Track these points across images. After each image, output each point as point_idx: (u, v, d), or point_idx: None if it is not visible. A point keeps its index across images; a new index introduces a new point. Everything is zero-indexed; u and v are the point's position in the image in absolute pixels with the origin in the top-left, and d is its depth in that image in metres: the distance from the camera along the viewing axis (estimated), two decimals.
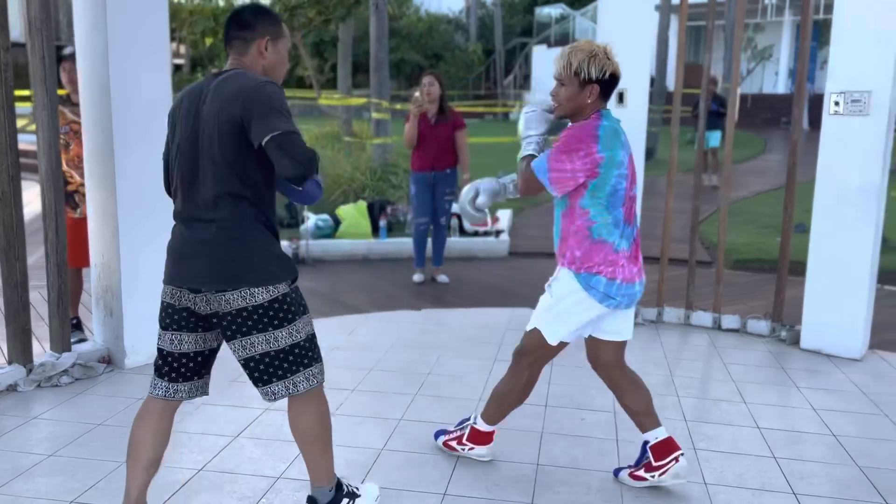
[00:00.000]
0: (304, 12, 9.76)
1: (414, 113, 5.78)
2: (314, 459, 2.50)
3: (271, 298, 2.29)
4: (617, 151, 2.61)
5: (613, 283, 2.67)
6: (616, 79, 2.68)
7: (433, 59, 31.18)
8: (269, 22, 2.39)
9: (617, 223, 2.67)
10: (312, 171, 2.17)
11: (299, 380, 2.37)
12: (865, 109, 4.23)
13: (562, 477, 2.98)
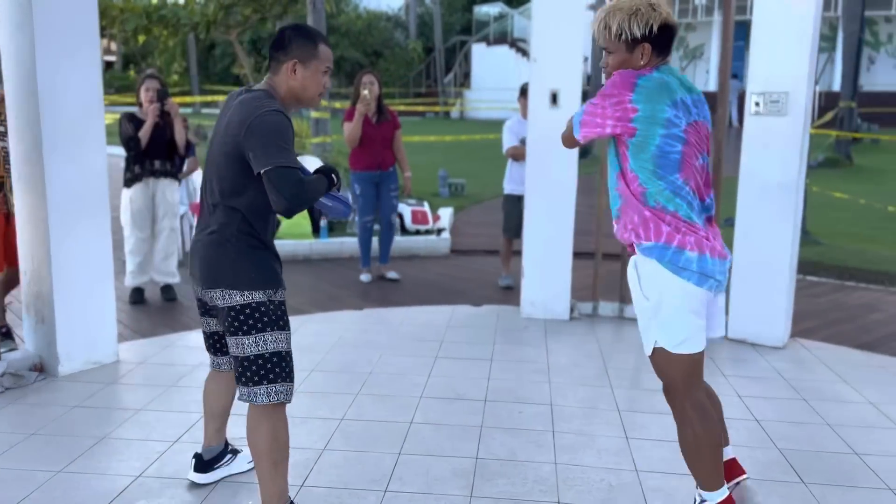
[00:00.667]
0: (239, 10, 9.64)
1: (361, 112, 5.79)
2: (262, 476, 2.51)
3: (244, 303, 2.42)
4: (661, 107, 2.27)
5: (705, 259, 2.31)
6: (669, 28, 2.35)
7: (373, 56, 31.10)
8: (301, 44, 2.48)
9: (677, 191, 2.32)
10: (297, 206, 2.32)
11: (260, 392, 2.44)
12: (783, 110, 4.45)
13: (500, 469, 3.07)
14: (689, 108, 2.35)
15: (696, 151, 2.35)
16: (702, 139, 2.38)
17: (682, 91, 2.35)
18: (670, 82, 2.33)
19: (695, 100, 2.38)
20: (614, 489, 2.93)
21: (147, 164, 5.28)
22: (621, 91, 2.30)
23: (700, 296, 2.34)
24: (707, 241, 2.34)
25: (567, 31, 4.93)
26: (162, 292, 5.59)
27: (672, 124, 2.29)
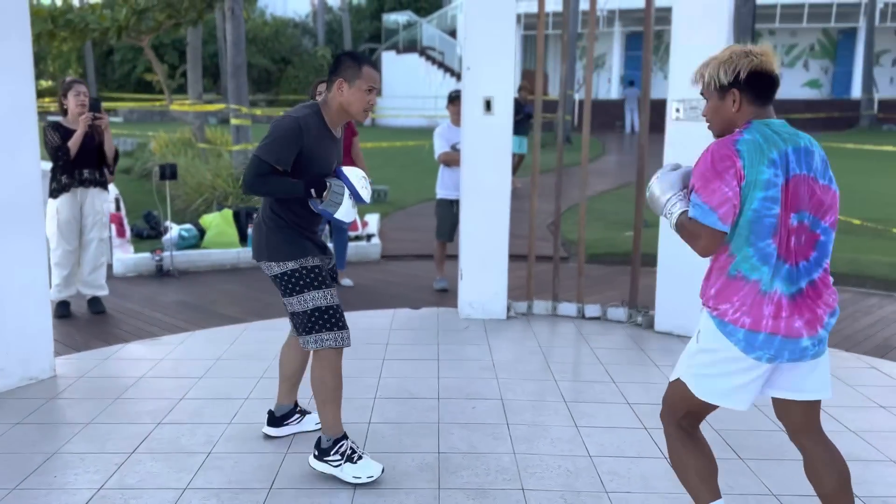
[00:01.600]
0: (153, 16, 9.38)
1: None
2: (318, 409, 3.04)
3: (281, 272, 2.96)
4: (759, 169, 2.16)
5: (757, 335, 2.20)
6: (762, 75, 2.24)
7: (281, 63, 30.69)
8: (347, 66, 2.92)
9: (765, 259, 2.18)
10: (248, 189, 2.91)
11: (310, 340, 2.98)
12: (700, 115, 4.77)
13: (463, 462, 3.18)
14: (784, 164, 2.18)
15: (788, 212, 2.18)
16: (799, 197, 2.19)
17: (784, 143, 2.21)
18: (765, 138, 2.20)
19: (791, 150, 2.21)
20: (572, 474, 3.10)
21: (76, 174, 5.11)
22: (732, 160, 2.17)
23: (745, 363, 2.24)
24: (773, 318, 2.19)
25: (499, 40, 5.11)
26: (89, 305, 5.41)
27: (770, 185, 2.16)
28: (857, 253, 7.61)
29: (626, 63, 28.37)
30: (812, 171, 2.22)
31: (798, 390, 2.31)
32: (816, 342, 2.24)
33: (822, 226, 2.23)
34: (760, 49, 2.27)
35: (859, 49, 25.98)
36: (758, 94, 2.26)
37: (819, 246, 2.24)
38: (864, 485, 3.03)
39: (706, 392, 2.32)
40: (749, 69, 2.24)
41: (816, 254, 2.23)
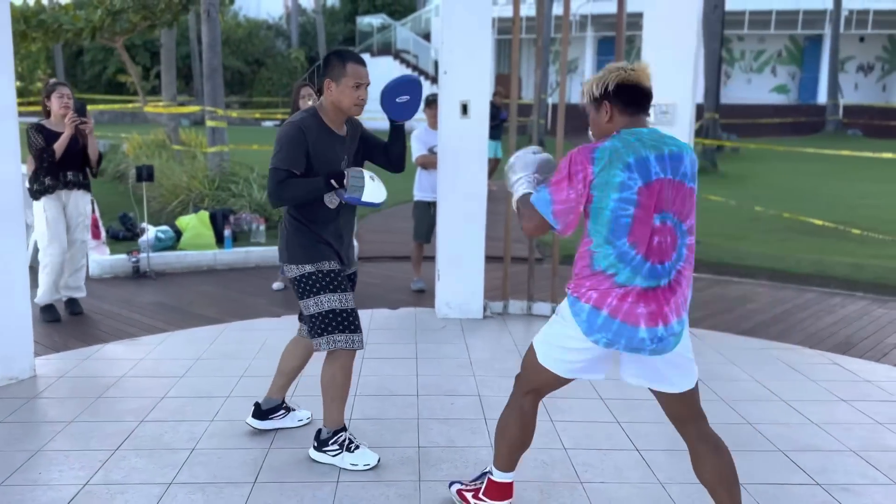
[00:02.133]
0: (127, 17, 9.35)
1: None
2: (324, 404, 3.19)
3: (297, 275, 3.10)
4: (612, 172, 2.28)
5: (598, 314, 2.34)
6: (630, 87, 2.37)
7: (254, 65, 30.56)
8: (333, 65, 3.05)
9: (623, 257, 2.30)
10: (273, 199, 3.03)
11: (322, 342, 3.09)
12: (672, 119, 4.92)
13: (442, 455, 3.28)
14: (644, 167, 2.29)
15: (650, 213, 2.29)
16: (663, 200, 2.30)
17: (647, 150, 2.31)
18: (620, 145, 2.31)
19: (659, 156, 2.31)
20: (548, 466, 3.21)
21: (61, 176, 5.11)
22: (584, 165, 2.31)
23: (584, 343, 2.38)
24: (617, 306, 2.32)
25: (476, 45, 5.23)
26: (67, 306, 5.41)
27: (626, 188, 2.28)
28: (822, 254, 7.85)
29: (599, 67, 28.71)
30: (679, 175, 2.33)
31: (659, 381, 2.45)
32: (655, 338, 2.33)
33: (682, 228, 2.35)
34: (636, 65, 2.41)
35: (825, 55, 26.60)
36: (627, 104, 2.39)
37: (678, 248, 2.35)
38: (824, 473, 3.18)
39: (546, 358, 2.52)
40: (616, 82, 2.37)
41: (676, 255, 2.35)
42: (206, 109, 9.15)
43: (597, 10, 26.33)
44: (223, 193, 8.58)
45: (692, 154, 2.41)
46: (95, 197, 8.67)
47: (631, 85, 2.38)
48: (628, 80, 2.38)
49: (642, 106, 2.41)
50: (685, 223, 2.36)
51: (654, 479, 3.11)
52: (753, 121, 24.56)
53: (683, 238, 2.36)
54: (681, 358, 2.43)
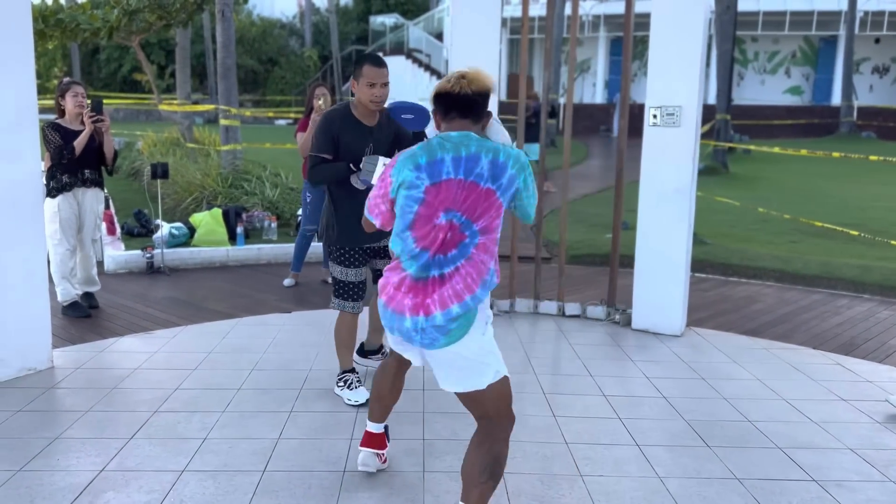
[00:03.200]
0: (143, 16, 9.49)
1: (316, 121, 5.94)
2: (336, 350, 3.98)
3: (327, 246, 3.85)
4: (403, 173, 2.46)
5: (380, 302, 2.54)
6: (441, 96, 2.51)
7: (268, 64, 30.76)
8: (356, 67, 3.64)
9: (405, 248, 2.48)
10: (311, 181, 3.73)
11: (332, 301, 3.94)
12: (677, 122, 4.98)
13: (446, 448, 3.36)
14: (435, 168, 2.42)
15: (436, 210, 2.42)
16: (450, 199, 2.41)
17: (445, 152, 2.43)
18: (420, 149, 2.47)
19: (455, 157, 2.42)
20: (549, 459, 3.29)
21: (79, 174, 5.24)
22: (390, 168, 2.53)
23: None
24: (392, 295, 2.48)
25: (484, 44, 5.30)
26: (83, 300, 5.53)
27: (414, 186, 2.43)
28: (830, 256, 7.88)
29: (611, 68, 28.69)
30: (473, 176, 2.43)
31: (436, 375, 2.57)
32: (419, 329, 2.43)
33: (472, 228, 2.43)
34: (466, 72, 2.52)
35: (839, 57, 26.46)
36: (442, 111, 2.53)
37: (462, 246, 2.44)
38: (820, 470, 3.24)
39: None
40: (434, 92, 2.55)
41: (456, 252, 2.44)
42: (220, 108, 9.27)
43: (609, 11, 26.32)
44: (236, 191, 8.71)
45: (497, 157, 2.44)
46: (111, 194, 8.82)
47: (444, 94, 2.50)
48: (441, 89, 2.52)
49: (460, 111, 2.50)
50: (476, 223, 2.44)
51: (652, 474, 3.18)
52: (766, 122, 24.49)
53: (473, 238, 2.44)
54: (460, 359, 2.48)
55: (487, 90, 2.53)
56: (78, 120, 5.24)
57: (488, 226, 2.45)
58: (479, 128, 2.56)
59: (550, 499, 2.95)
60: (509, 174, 2.45)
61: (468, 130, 2.51)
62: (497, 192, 2.44)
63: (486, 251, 2.47)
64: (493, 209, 2.45)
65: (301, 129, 6.13)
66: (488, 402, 2.54)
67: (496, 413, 2.55)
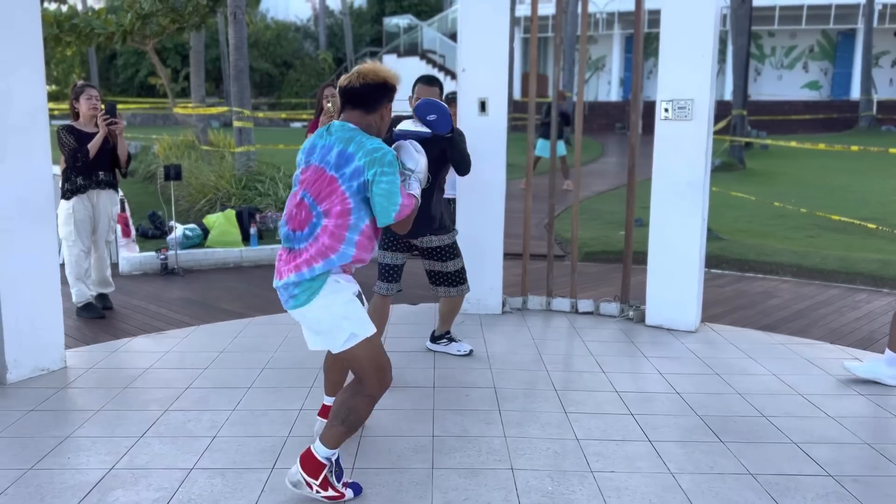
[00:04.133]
0: (157, 20, 9.56)
1: (324, 123, 5.96)
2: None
3: None
4: (300, 154, 2.84)
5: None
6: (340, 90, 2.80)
7: (283, 67, 30.90)
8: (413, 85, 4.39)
9: (282, 221, 2.84)
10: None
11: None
12: (689, 115, 4.93)
13: (455, 444, 3.34)
14: (310, 153, 2.77)
15: (300, 189, 2.75)
16: (308, 181, 2.72)
17: (322, 139, 2.75)
18: (317, 135, 2.79)
19: (322, 145, 2.74)
20: (559, 455, 3.25)
21: (94, 176, 5.27)
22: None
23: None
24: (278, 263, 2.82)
25: (494, 43, 5.28)
26: (97, 301, 5.57)
27: (298, 166, 2.82)
28: (849, 250, 7.76)
29: (626, 65, 28.52)
30: (322, 163, 2.71)
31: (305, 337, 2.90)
32: (282, 289, 2.77)
33: (317, 209, 2.69)
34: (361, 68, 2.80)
35: (858, 50, 26.13)
36: (342, 104, 2.80)
37: (310, 226, 2.71)
38: (836, 465, 3.18)
39: None
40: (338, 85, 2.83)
41: (308, 231, 2.71)
42: (233, 110, 9.32)
43: (623, 8, 26.17)
44: (250, 192, 8.74)
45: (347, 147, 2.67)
46: (126, 196, 8.89)
47: (340, 88, 2.79)
48: (339, 84, 2.81)
49: (351, 103, 2.77)
50: (320, 205, 2.68)
51: (664, 469, 3.14)
52: (784, 118, 24.23)
53: (319, 219, 2.69)
54: (311, 321, 2.79)
55: (378, 81, 2.76)
56: (92, 123, 5.28)
57: (329, 209, 2.68)
58: (377, 117, 2.80)
59: (560, 495, 2.92)
60: (355, 165, 2.66)
61: (358, 121, 2.77)
62: (339, 179, 2.68)
63: (329, 234, 2.68)
64: (335, 195, 2.67)
65: (312, 129, 6.13)
66: (354, 361, 2.78)
67: (363, 371, 2.77)
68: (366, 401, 2.78)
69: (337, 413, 2.77)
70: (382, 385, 2.80)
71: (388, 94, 2.81)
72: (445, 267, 4.30)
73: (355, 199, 2.68)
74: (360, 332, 2.75)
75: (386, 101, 2.82)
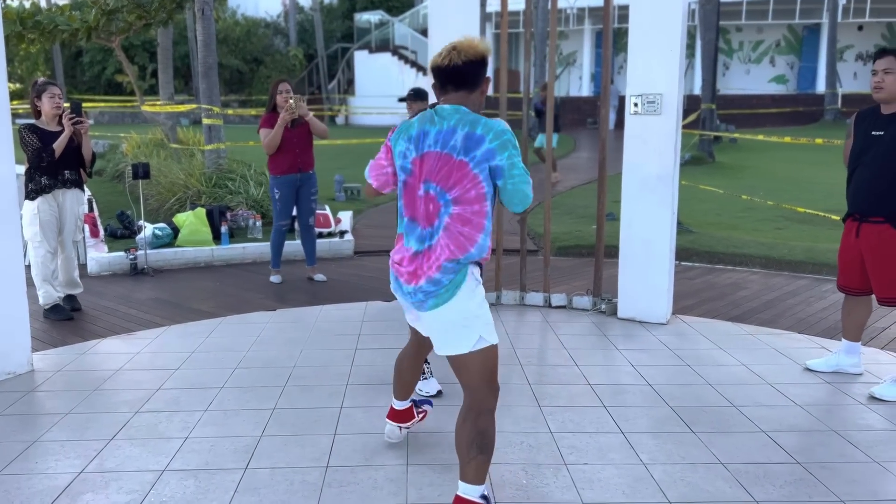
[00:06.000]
0: (122, 16, 9.40)
1: (286, 119, 5.92)
2: None
3: None
4: (399, 143, 2.62)
5: (392, 278, 2.70)
6: (435, 71, 2.60)
7: (253, 63, 30.58)
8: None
9: (401, 214, 2.67)
10: None
11: None
12: (658, 109, 4.97)
13: (430, 440, 3.34)
14: (417, 140, 2.56)
15: (418, 181, 2.56)
16: (428, 170, 2.54)
17: (428, 125, 2.56)
18: (416, 120, 2.61)
19: (438, 130, 2.53)
20: (533, 448, 3.27)
21: (59, 175, 5.18)
22: (391, 136, 2.70)
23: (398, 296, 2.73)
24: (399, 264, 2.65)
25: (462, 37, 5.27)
26: (65, 303, 5.48)
27: (402, 156, 2.61)
28: (815, 242, 7.89)
29: (597, 60, 28.66)
30: (448, 149, 2.52)
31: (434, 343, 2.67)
32: (413, 293, 2.60)
33: (446, 197, 2.53)
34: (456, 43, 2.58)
35: (823, 45, 26.53)
36: (438, 86, 2.63)
37: (440, 216, 2.55)
38: (804, 452, 3.24)
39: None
40: (429, 65, 2.64)
41: (437, 223, 2.55)
42: (203, 107, 9.21)
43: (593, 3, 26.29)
44: (220, 190, 8.65)
45: (475, 130, 2.49)
46: (94, 196, 8.76)
47: (435, 68, 2.60)
48: (433, 64, 2.60)
49: (454, 84, 2.58)
50: (449, 192, 2.52)
51: (637, 461, 3.17)
52: (752, 111, 24.53)
53: (447, 207, 2.53)
54: (446, 322, 2.59)
55: (479, 58, 2.56)
56: (55, 121, 5.18)
57: (461, 196, 2.51)
58: (479, 94, 2.61)
59: (534, 488, 2.93)
60: (486, 148, 2.49)
61: (464, 101, 2.58)
62: (470, 164, 2.49)
63: (464, 223, 2.52)
64: (466, 180, 2.50)
65: (264, 125, 6.08)
66: (472, 367, 2.59)
67: (479, 380, 2.60)
68: (489, 417, 2.60)
69: (469, 447, 2.56)
70: (496, 394, 2.64)
71: (485, 68, 2.63)
72: None
73: (487, 183, 2.52)
74: (489, 336, 2.59)
75: (484, 76, 2.63)
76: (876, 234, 3.87)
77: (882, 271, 3.88)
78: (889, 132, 3.78)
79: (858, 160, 3.92)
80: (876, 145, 3.82)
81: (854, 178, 3.96)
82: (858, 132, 3.95)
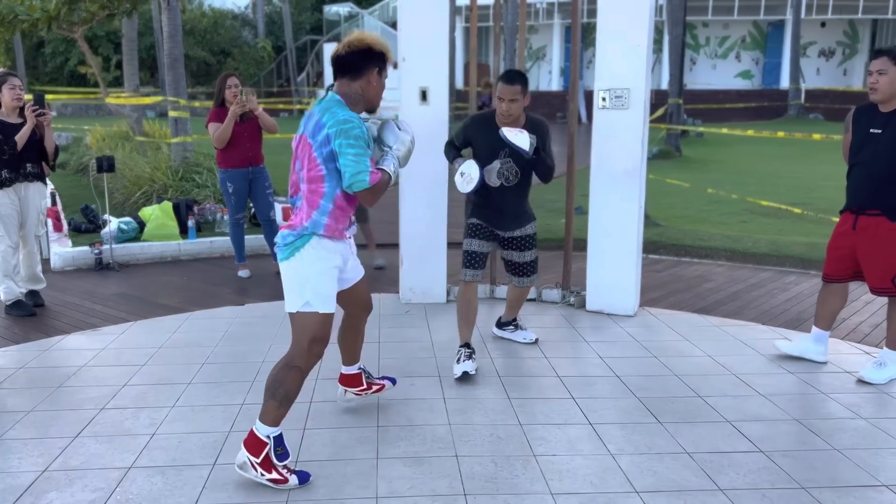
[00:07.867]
0: (85, 6, 9.21)
1: (236, 112, 5.85)
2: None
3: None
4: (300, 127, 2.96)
5: None
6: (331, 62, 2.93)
7: (220, 55, 30.22)
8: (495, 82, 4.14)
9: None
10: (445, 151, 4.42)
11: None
12: (626, 104, 5.01)
13: (400, 434, 3.35)
14: (304, 123, 2.89)
15: (294, 158, 2.91)
16: (299, 149, 2.88)
17: (314, 109, 2.88)
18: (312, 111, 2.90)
19: (309, 114, 2.89)
20: (503, 440, 3.30)
21: (21, 168, 5.07)
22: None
23: None
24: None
25: (434, 32, 5.27)
26: (27, 298, 5.37)
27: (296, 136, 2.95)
28: (779, 235, 8.04)
29: (567, 55, 28.81)
30: (307, 131, 2.86)
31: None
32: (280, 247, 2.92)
33: (301, 175, 2.87)
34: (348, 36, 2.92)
35: (787, 41, 26.96)
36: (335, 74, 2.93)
37: (301, 192, 2.88)
38: (767, 441, 3.31)
39: None
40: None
41: (298, 196, 2.91)
42: (169, 100, 9.07)
43: None
44: (187, 184, 8.54)
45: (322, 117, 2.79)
46: (58, 189, 8.59)
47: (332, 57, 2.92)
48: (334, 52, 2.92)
49: (339, 72, 2.90)
50: (303, 171, 2.85)
51: (605, 451, 3.21)
52: (719, 106, 24.87)
53: (302, 183, 2.87)
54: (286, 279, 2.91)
55: (362, 48, 2.84)
56: (15, 113, 5.07)
57: (307, 175, 2.83)
58: (364, 83, 2.88)
59: (503, 479, 2.95)
60: (325, 133, 2.77)
61: (346, 89, 2.88)
62: (313, 146, 2.80)
63: (307, 199, 2.84)
64: (310, 161, 2.81)
65: (213, 119, 6.03)
66: (296, 325, 2.89)
67: (299, 338, 2.87)
68: (293, 373, 2.85)
69: (268, 388, 2.85)
70: (311, 357, 2.88)
71: (373, 59, 2.87)
72: (522, 257, 4.36)
73: (326, 166, 2.79)
74: (317, 304, 2.85)
75: (371, 67, 2.88)
76: (874, 225, 3.98)
77: (877, 262, 3.99)
78: (887, 131, 3.87)
79: (857, 157, 4.01)
80: (874, 143, 3.92)
81: (853, 174, 4.06)
82: (856, 129, 4.04)
